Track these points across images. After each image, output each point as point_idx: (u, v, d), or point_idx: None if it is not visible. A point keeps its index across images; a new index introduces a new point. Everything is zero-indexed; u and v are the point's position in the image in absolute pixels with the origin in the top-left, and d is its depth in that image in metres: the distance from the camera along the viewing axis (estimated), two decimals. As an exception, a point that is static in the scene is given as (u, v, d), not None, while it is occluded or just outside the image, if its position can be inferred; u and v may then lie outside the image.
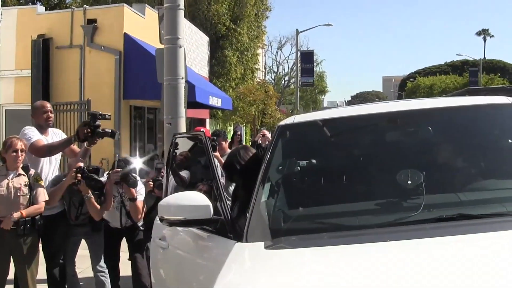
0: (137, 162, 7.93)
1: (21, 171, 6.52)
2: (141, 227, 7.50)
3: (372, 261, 3.32)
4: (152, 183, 7.53)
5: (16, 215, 6.33)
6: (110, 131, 7.05)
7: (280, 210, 4.28)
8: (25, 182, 6.49)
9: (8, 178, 6.45)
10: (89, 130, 6.85)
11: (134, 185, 7.11)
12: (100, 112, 7.04)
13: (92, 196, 6.87)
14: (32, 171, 6.63)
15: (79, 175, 6.74)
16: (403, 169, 4.11)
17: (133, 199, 7.19)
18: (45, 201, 6.62)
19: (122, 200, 7.32)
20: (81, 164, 6.95)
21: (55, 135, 7.42)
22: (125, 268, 7.76)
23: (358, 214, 4.10)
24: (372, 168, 4.50)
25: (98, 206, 6.96)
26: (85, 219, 7.11)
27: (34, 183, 6.54)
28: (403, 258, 3.31)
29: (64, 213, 7.10)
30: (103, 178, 7.17)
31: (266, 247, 3.69)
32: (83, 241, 7.41)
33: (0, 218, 6.37)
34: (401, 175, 4.07)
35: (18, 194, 6.42)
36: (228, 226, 4.14)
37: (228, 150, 8.97)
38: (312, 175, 4.67)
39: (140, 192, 7.34)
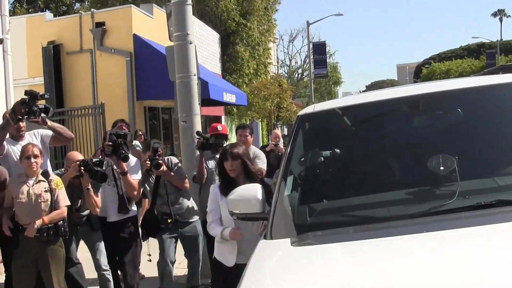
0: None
1: (41, 177, 6.46)
2: (131, 225, 7.43)
3: (408, 255, 3.09)
4: (149, 163, 7.36)
5: (38, 222, 6.26)
6: (43, 106, 6.79)
7: (305, 204, 4.05)
8: (45, 188, 6.41)
9: (28, 185, 6.38)
10: (26, 109, 6.61)
11: (125, 159, 7.12)
12: (40, 93, 6.77)
13: (91, 188, 6.79)
14: (52, 177, 6.52)
15: (82, 167, 6.67)
16: (434, 155, 3.86)
17: (124, 173, 7.18)
18: (67, 206, 6.53)
19: (113, 174, 7.29)
20: (79, 157, 6.98)
21: (34, 135, 7.30)
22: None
23: (388, 205, 3.86)
24: (400, 155, 4.23)
25: (97, 198, 6.89)
26: (83, 218, 7.07)
27: (54, 188, 6.45)
28: (441, 250, 3.07)
29: None
30: None
31: (292, 244, 3.47)
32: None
33: (24, 225, 6.31)
34: (433, 161, 3.82)
35: (39, 200, 6.35)
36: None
37: (252, 146, 8.77)
38: (336, 165, 4.43)
39: (133, 167, 7.37)
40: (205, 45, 23.22)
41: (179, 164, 7.86)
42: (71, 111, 15.49)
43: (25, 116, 6.63)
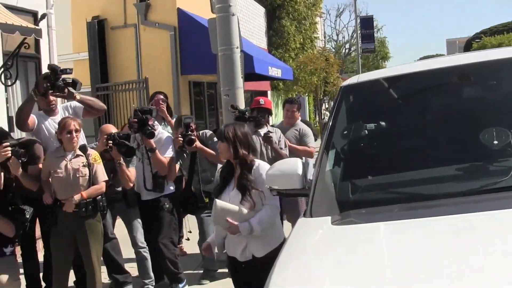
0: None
1: (78, 152, 6.35)
2: (166, 204, 7.19)
3: (457, 237, 2.85)
4: (181, 139, 7.20)
5: (76, 197, 6.17)
6: (71, 81, 6.58)
7: (348, 179, 3.84)
8: (83, 162, 6.31)
9: (66, 159, 6.29)
10: (48, 84, 6.44)
11: (150, 135, 6.90)
12: (61, 68, 6.59)
13: (123, 163, 6.70)
14: (90, 151, 6.44)
15: (110, 141, 6.58)
16: (487, 128, 3.60)
17: (152, 150, 6.97)
18: (105, 181, 6.43)
19: (147, 151, 7.10)
20: (112, 130, 6.85)
21: (67, 109, 7.14)
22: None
23: (436, 181, 3.62)
24: (450, 128, 3.96)
25: (130, 173, 6.79)
26: (118, 193, 6.99)
27: (92, 162, 6.35)
28: (494, 232, 2.83)
29: None
30: None
31: (333, 223, 3.26)
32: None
33: (62, 201, 6.24)
34: (485, 134, 3.57)
35: (77, 175, 6.25)
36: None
37: (299, 122, 8.54)
38: (382, 139, 4.19)
39: (165, 145, 7.14)
40: (250, 19, 23.02)
41: (215, 138, 7.69)
42: (115, 86, 15.52)
43: (50, 91, 6.49)
